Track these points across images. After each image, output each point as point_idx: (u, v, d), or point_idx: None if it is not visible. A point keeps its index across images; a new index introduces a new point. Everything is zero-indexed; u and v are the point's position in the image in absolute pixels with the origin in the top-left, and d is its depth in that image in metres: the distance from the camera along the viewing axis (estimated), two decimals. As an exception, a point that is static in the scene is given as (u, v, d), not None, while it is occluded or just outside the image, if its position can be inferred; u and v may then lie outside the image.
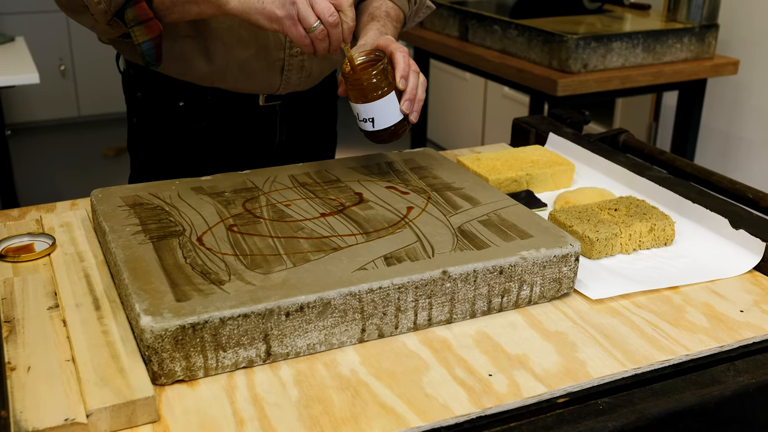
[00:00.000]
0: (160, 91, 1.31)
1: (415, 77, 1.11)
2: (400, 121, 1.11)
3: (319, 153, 1.48)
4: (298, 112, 1.40)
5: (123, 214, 0.99)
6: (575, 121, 1.52)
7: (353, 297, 0.83)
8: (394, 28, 1.29)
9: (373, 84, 1.07)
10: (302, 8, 1.02)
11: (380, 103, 1.08)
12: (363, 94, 1.08)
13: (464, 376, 0.80)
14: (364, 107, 1.09)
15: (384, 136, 1.11)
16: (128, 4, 1.09)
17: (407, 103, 1.10)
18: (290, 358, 0.82)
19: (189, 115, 1.31)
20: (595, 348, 0.85)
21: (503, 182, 1.23)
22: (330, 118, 1.52)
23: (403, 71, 1.09)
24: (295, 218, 0.99)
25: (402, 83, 1.09)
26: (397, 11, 1.34)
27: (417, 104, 1.11)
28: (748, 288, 0.99)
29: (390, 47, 1.11)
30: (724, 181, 1.26)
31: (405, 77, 1.09)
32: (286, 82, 1.31)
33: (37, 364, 0.76)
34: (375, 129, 1.10)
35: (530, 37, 2.39)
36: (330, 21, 1.03)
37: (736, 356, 0.87)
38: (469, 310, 0.90)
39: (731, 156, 2.83)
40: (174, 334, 0.75)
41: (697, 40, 2.47)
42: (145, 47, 1.12)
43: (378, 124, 1.10)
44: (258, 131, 1.36)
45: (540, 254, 0.92)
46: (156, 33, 1.12)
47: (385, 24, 1.27)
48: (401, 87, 1.09)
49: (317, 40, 1.04)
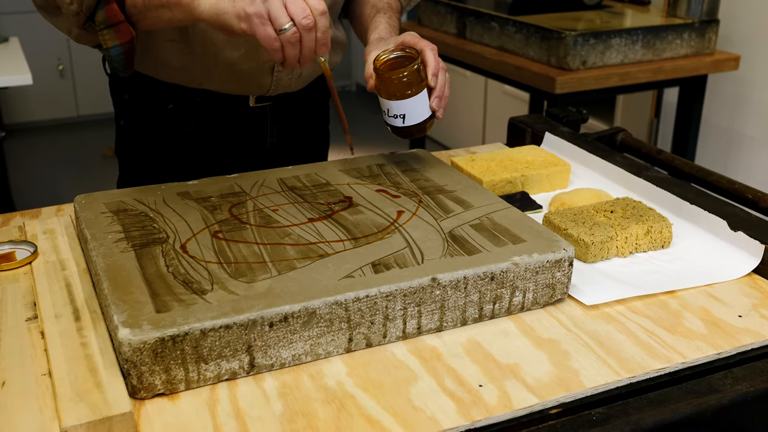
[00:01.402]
0: (148, 94, 1.29)
1: (443, 75, 1.13)
2: (429, 117, 1.14)
3: (310, 154, 1.46)
4: (288, 113, 1.37)
5: (106, 220, 0.96)
6: (572, 119, 1.50)
7: (339, 306, 0.80)
8: (397, 19, 1.30)
9: (405, 83, 1.09)
10: (274, 6, 0.95)
11: (412, 101, 1.11)
12: (397, 91, 1.10)
13: (453, 387, 0.78)
14: (397, 104, 1.11)
15: (413, 131, 1.14)
16: (99, 5, 1.04)
17: (437, 101, 1.12)
18: (275, 369, 0.80)
19: (178, 117, 1.29)
20: (589, 356, 0.83)
21: (498, 184, 1.20)
22: (322, 119, 1.49)
23: (434, 69, 1.11)
24: (282, 224, 0.97)
25: (434, 81, 1.11)
26: (396, 2, 1.34)
27: (444, 101, 1.14)
28: (747, 292, 0.97)
29: (419, 44, 1.12)
30: (723, 181, 1.23)
31: (436, 75, 1.11)
32: (276, 83, 1.29)
33: (12, 378, 0.74)
34: (405, 125, 1.13)
35: (528, 33, 2.36)
36: (304, 24, 0.96)
37: (734, 363, 0.84)
38: (459, 318, 0.88)
39: (732, 152, 2.80)
40: (153, 346, 0.73)
41: (697, 36, 2.44)
42: (114, 52, 1.07)
43: (408, 121, 1.13)
44: (248, 133, 1.33)
45: (532, 259, 0.89)
46: (126, 38, 1.07)
47: (391, 16, 1.28)
48: (432, 85, 1.11)
49: (288, 44, 0.97)
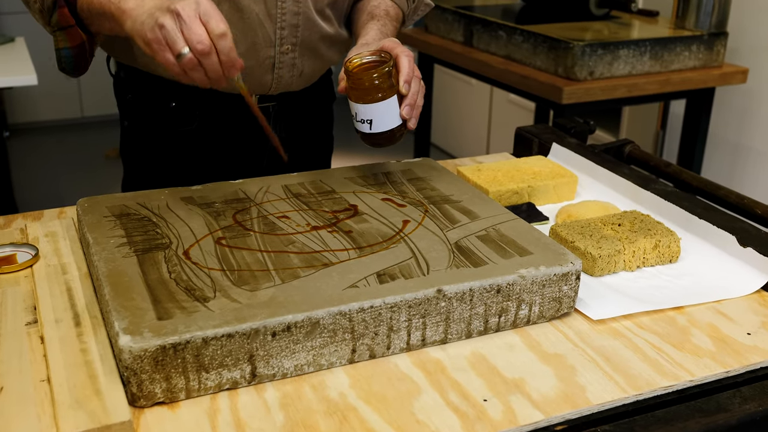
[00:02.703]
0: (151, 93, 1.28)
1: (417, 83, 1.09)
2: (399, 126, 1.08)
3: (314, 157, 1.45)
4: (292, 113, 1.36)
5: (108, 225, 0.95)
6: (580, 130, 1.49)
7: (343, 316, 0.79)
8: (393, 27, 1.27)
9: (375, 85, 1.05)
10: (170, 32, 0.93)
11: (380, 105, 1.06)
12: (364, 94, 1.06)
13: (458, 401, 0.76)
14: (364, 108, 1.07)
15: (380, 139, 1.09)
16: (54, 8, 1.08)
17: (407, 108, 1.07)
18: (276, 379, 0.79)
19: (180, 115, 1.28)
20: (595, 372, 0.82)
21: (504, 194, 1.19)
22: (326, 122, 1.48)
23: (407, 76, 1.07)
24: (286, 231, 0.96)
25: (405, 88, 1.07)
26: (396, 10, 1.31)
27: (417, 110, 1.09)
28: (756, 309, 0.95)
29: (396, 50, 1.09)
30: (732, 196, 1.22)
31: (408, 82, 1.07)
32: (277, 80, 1.27)
33: (10, 384, 0.73)
34: (372, 131, 1.08)
35: (536, 43, 2.35)
36: (199, 49, 0.92)
37: (742, 382, 0.83)
38: (464, 330, 0.87)
39: (739, 165, 2.79)
40: (154, 354, 0.72)
41: (705, 48, 2.43)
42: (64, 54, 1.11)
43: (375, 127, 1.08)
44: (251, 133, 1.32)
45: (539, 272, 0.88)
46: (77, 42, 1.10)
47: (385, 23, 1.25)
48: (404, 92, 1.07)
49: (189, 70, 0.95)
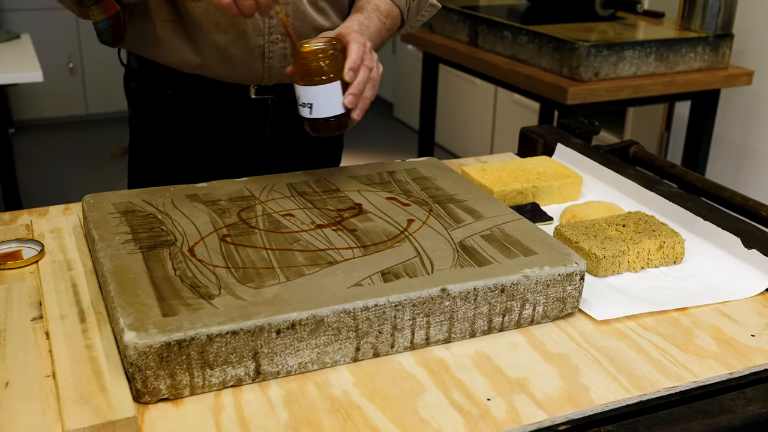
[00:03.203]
0: (150, 80, 1.29)
1: (366, 73, 1.04)
2: (341, 115, 1.04)
3: (318, 154, 1.43)
4: (292, 108, 1.35)
5: (114, 221, 0.96)
6: (584, 131, 1.49)
7: (347, 315, 0.79)
8: (380, 22, 1.23)
9: (317, 67, 1.01)
10: None
11: (321, 89, 1.02)
12: (305, 75, 1.02)
13: (461, 400, 0.77)
14: (305, 90, 1.03)
15: (320, 126, 1.05)
16: None
17: (351, 97, 1.03)
18: (280, 377, 0.79)
19: (176, 103, 1.28)
20: (599, 372, 0.82)
21: (509, 194, 1.19)
22: None
23: (353, 63, 1.03)
24: (291, 229, 0.96)
25: (349, 75, 1.03)
26: (389, 6, 1.27)
27: (362, 102, 1.05)
28: (760, 311, 0.95)
29: (348, 36, 1.05)
30: (737, 198, 1.22)
31: (354, 69, 1.03)
32: (269, 70, 1.26)
33: (15, 379, 0.73)
34: (311, 116, 1.04)
35: (541, 43, 2.35)
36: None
37: (746, 384, 0.83)
38: (468, 330, 0.87)
39: (744, 167, 2.79)
40: (159, 351, 0.72)
41: (711, 50, 2.43)
42: (102, 26, 1.15)
43: (315, 112, 1.04)
44: (247, 124, 1.31)
45: (543, 272, 0.88)
46: (111, 12, 1.13)
47: (369, 17, 1.21)
48: (348, 79, 1.03)
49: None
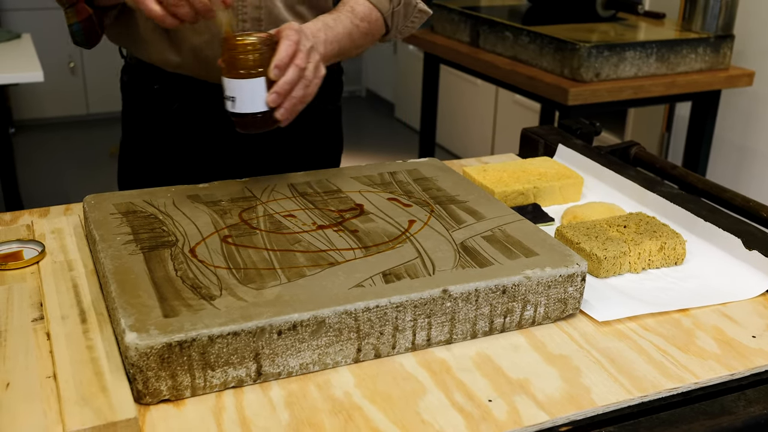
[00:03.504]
0: (141, 74, 1.29)
1: (296, 72, 1.00)
2: (265, 113, 1.01)
3: (321, 156, 1.42)
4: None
5: (115, 222, 0.96)
6: (585, 132, 1.49)
7: (349, 316, 0.79)
8: (352, 25, 1.18)
9: (242, 60, 0.98)
10: None
11: (244, 83, 0.99)
12: (231, 67, 0.99)
13: (463, 401, 0.77)
14: (228, 83, 1.00)
15: (242, 122, 1.02)
16: None
17: (273, 96, 0.99)
18: (282, 378, 0.79)
19: (164, 99, 1.28)
20: (600, 373, 0.82)
21: (510, 195, 1.19)
22: (331, 120, 1.44)
23: (279, 60, 0.99)
24: (292, 230, 0.96)
25: (274, 73, 0.99)
26: (367, 9, 1.22)
27: (289, 102, 1.00)
28: (761, 312, 0.95)
29: (283, 33, 1.01)
30: (738, 199, 1.22)
31: (280, 67, 0.99)
32: None
33: (16, 380, 0.73)
34: (234, 111, 1.01)
35: (542, 44, 2.35)
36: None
37: (747, 385, 0.83)
38: (469, 331, 0.87)
39: (744, 168, 2.78)
40: (160, 352, 0.72)
41: (711, 51, 2.43)
42: (75, 29, 1.17)
43: (238, 107, 1.00)
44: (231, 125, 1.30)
45: (545, 273, 0.88)
46: (84, 16, 1.15)
47: (339, 18, 1.16)
48: (272, 76, 0.99)
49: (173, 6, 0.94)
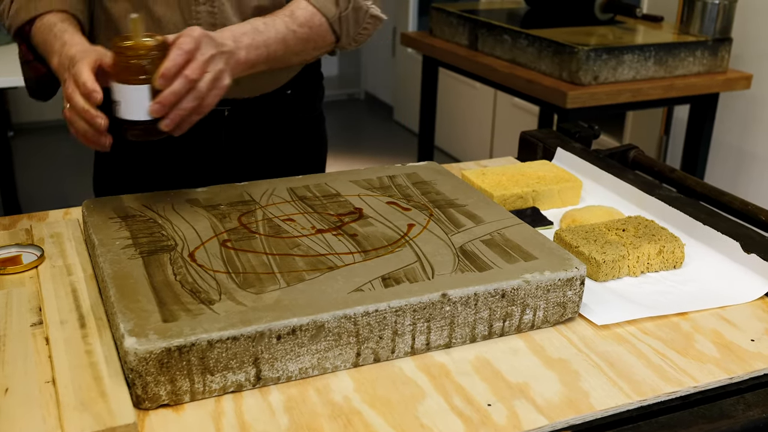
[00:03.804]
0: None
1: (183, 84, 0.95)
2: (148, 122, 0.96)
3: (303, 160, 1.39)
4: (251, 120, 1.30)
5: (114, 226, 0.96)
6: (584, 135, 1.49)
7: (348, 320, 0.79)
8: (288, 30, 1.12)
9: (128, 66, 0.95)
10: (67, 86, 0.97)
11: (128, 89, 0.95)
12: (116, 72, 0.96)
13: (462, 405, 0.77)
14: (115, 87, 0.97)
15: (127, 129, 0.98)
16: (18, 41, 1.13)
17: (156, 106, 0.95)
18: (281, 382, 0.79)
19: None
20: (599, 377, 0.82)
21: (509, 198, 1.19)
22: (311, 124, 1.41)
23: (166, 70, 0.94)
24: (291, 234, 0.96)
25: (159, 82, 0.94)
26: (309, 14, 1.15)
27: (175, 113, 0.96)
28: (760, 315, 0.95)
29: (177, 40, 0.96)
30: (736, 202, 1.22)
31: (166, 77, 0.94)
32: None
33: (15, 385, 0.73)
34: (118, 116, 0.97)
35: (540, 47, 2.35)
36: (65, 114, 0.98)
37: (746, 389, 0.83)
38: (469, 335, 0.87)
39: (743, 171, 2.79)
40: (159, 356, 0.72)
41: (709, 54, 2.43)
42: (30, 84, 1.23)
43: (122, 113, 0.96)
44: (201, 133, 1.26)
45: (544, 277, 0.88)
46: (39, 73, 1.18)
47: (272, 23, 1.10)
48: (157, 86, 0.95)
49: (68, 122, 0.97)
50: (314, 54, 1.21)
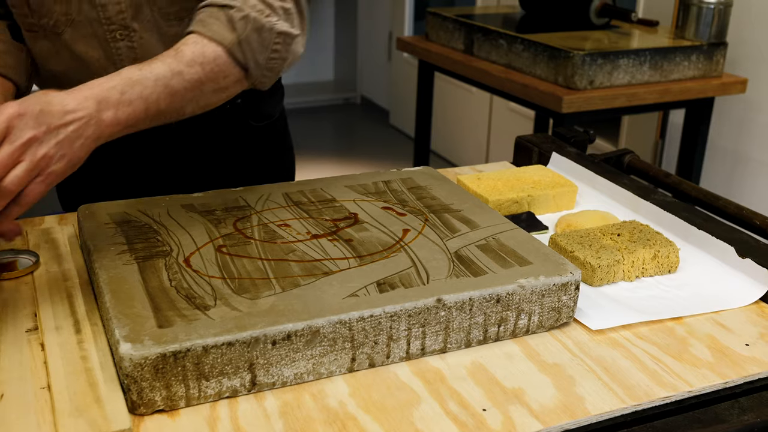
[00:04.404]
0: None
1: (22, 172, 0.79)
2: None
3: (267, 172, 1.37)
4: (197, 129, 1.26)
5: (109, 231, 0.96)
6: (579, 140, 1.49)
7: (343, 325, 0.80)
8: (172, 73, 0.93)
9: None
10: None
11: None
12: None
13: (457, 410, 0.77)
14: None
15: None
16: None
17: None
18: (276, 387, 0.79)
19: None
20: (594, 382, 0.82)
21: (504, 203, 1.20)
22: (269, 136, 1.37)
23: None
24: (286, 239, 0.96)
25: None
26: (199, 47, 0.96)
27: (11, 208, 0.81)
28: (754, 320, 0.96)
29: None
30: (731, 206, 1.23)
31: None
32: None
33: (10, 391, 0.73)
34: None
35: (536, 52, 2.36)
36: None
37: (740, 393, 0.83)
38: (464, 340, 0.87)
39: (738, 175, 2.79)
40: (154, 362, 0.72)
41: (705, 58, 2.44)
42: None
43: None
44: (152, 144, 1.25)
45: (539, 282, 0.88)
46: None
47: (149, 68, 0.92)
48: None
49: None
50: (219, 96, 1.00)
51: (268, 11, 0.99)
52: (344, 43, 5.72)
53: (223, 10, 0.97)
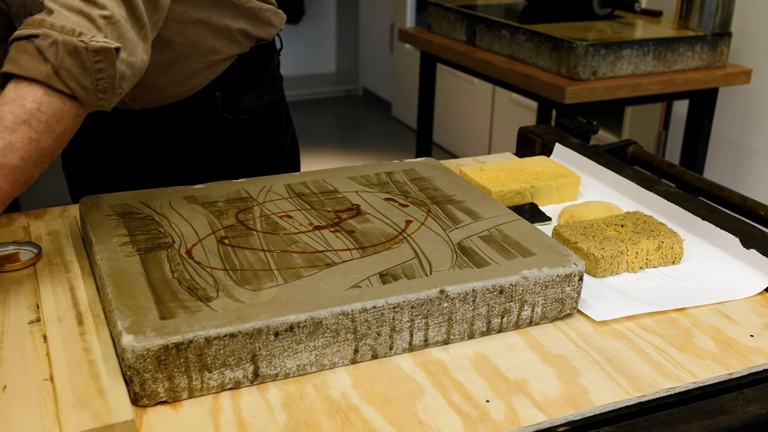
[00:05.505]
0: None
1: None
2: None
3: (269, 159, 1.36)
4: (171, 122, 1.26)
5: (111, 223, 0.95)
6: (583, 131, 1.49)
7: (346, 317, 0.79)
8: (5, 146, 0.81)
9: None
10: None
11: None
12: None
13: (460, 401, 0.76)
14: None
15: None
16: None
17: None
18: (279, 379, 0.79)
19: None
20: (598, 373, 0.82)
21: (507, 194, 1.19)
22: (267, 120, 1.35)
23: None
24: (289, 231, 0.96)
25: None
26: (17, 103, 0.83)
27: None
28: (759, 311, 0.95)
29: None
30: (735, 197, 1.22)
31: None
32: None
33: (13, 383, 0.73)
34: None
35: (539, 42, 2.35)
36: None
37: (745, 384, 0.83)
38: (467, 331, 0.86)
39: (742, 166, 2.79)
40: (157, 353, 0.72)
41: (709, 49, 2.43)
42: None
43: None
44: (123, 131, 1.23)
45: (542, 273, 0.88)
46: None
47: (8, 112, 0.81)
48: None
49: None
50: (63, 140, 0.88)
51: (82, 28, 0.86)
52: (346, 34, 5.71)
53: (30, 41, 0.84)
